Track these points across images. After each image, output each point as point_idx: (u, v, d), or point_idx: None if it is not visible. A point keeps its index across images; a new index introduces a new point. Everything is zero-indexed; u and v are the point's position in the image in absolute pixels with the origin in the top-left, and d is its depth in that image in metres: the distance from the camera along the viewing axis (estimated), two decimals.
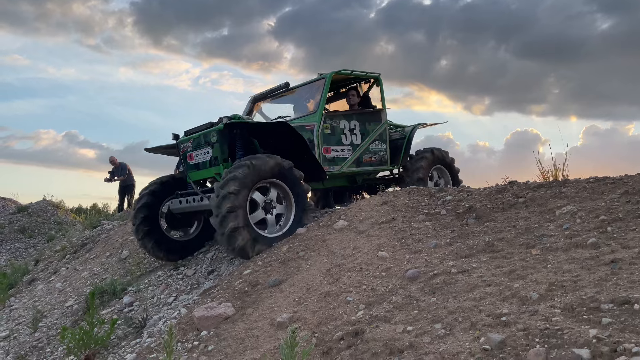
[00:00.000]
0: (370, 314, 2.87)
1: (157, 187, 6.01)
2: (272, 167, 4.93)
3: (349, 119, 6.31)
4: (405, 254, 3.56)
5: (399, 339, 2.52)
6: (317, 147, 5.85)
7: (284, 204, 5.18)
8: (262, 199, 5.04)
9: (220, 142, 5.35)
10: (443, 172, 7.31)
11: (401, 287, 3.10)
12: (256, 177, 4.83)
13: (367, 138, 6.45)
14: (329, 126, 6.03)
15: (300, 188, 5.19)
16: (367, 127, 6.47)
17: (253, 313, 3.56)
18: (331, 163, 6.02)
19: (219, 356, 3.11)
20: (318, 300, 3.35)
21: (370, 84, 6.91)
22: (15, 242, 13.83)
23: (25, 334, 5.77)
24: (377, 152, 6.57)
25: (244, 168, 4.74)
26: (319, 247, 4.27)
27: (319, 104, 6.03)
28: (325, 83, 6.10)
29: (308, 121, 5.97)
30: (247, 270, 4.42)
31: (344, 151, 6.18)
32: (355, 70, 6.53)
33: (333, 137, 6.07)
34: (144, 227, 5.87)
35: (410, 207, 4.43)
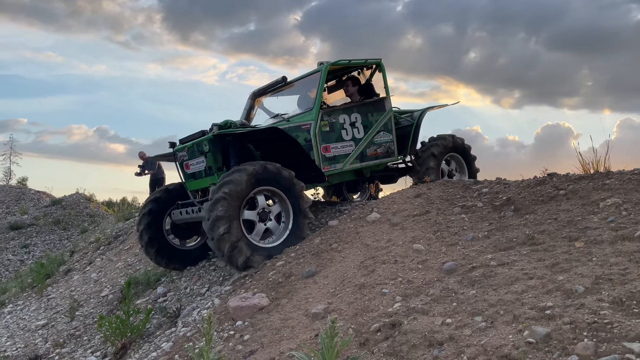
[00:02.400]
0: (407, 306, 2.84)
1: (163, 194, 5.99)
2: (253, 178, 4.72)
3: (349, 112, 5.95)
4: (441, 246, 3.51)
5: (438, 332, 2.48)
6: (316, 146, 5.52)
7: (282, 215, 5.02)
8: (263, 205, 4.90)
9: (213, 151, 5.22)
10: (458, 160, 6.87)
11: (438, 280, 3.06)
12: (263, 180, 4.75)
13: (370, 130, 6.05)
14: (327, 123, 5.69)
15: (296, 193, 4.99)
16: (370, 118, 6.09)
17: (287, 304, 3.57)
18: (332, 162, 5.69)
19: (255, 346, 3.12)
20: (353, 292, 3.33)
21: (372, 70, 6.54)
22: (50, 234, 14.22)
23: (62, 322, 5.93)
24: (382, 143, 6.16)
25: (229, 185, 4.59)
26: (352, 239, 4.25)
27: (315, 101, 5.70)
28: (321, 77, 5.76)
29: (304, 120, 5.64)
30: (280, 262, 4.43)
31: (345, 147, 5.82)
32: (353, 59, 6.23)
33: (332, 134, 5.73)
34: (147, 234, 5.84)
35: (445, 199, 4.37)
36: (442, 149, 6.52)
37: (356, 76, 6.53)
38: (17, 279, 9.59)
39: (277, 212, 5.01)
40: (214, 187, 4.67)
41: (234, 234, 4.52)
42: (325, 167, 5.59)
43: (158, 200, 5.92)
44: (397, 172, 6.88)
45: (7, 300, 7.83)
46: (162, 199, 5.94)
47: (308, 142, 5.49)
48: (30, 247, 13.57)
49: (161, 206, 5.92)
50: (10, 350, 5.66)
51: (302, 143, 5.41)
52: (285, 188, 4.94)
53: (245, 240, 4.65)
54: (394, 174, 6.92)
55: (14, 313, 6.94)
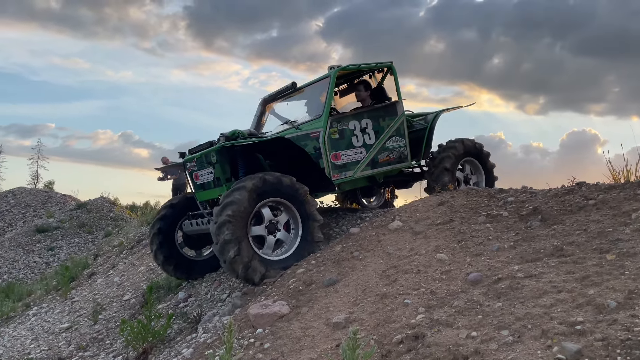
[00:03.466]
0: (431, 318, 2.78)
1: (168, 210, 5.94)
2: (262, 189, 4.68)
3: (360, 118, 5.78)
4: (465, 256, 3.44)
5: (463, 345, 2.42)
6: (325, 154, 5.37)
7: (291, 223, 4.95)
8: (269, 218, 4.83)
9: (221, 162, 5.15)
10: (475, 166, 6.59)
11: (463, 291, 2.99)
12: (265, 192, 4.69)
13: (382, 136, 5.87)
14: (337, 130, 5.53)
15: (300, 199, 4.89)
16: (382, 123, 5.91)
17: (308, 312, 3.53)
18: (342, 169, 5.54)
19: (275, 355, 3.09)
20: (375, 302, 3.28)
21: (383, 73, 6.36)
22: (75, 237, 14.47)
23: (86, 326, 6.00)
24: (394, 148, 5.98)
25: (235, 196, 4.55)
26: (373, 248, 4.20)
27: (324, 108, 5.55)
28: (330, 82, 5.63)
29: (313, 128, 5.49)
30: (301, 270, 4.40)
31: (356, 154, 5.66)
32: (363, 63, 6.07)
33: (342, 141, 5.57)
34: (162, 254, 5.82)
35: (469, 208, 4.29)
36: (459, 153, 6.30)
37: (367, 80, 6.41)
38: (43, 281, 9.77)
39: (285, 221, 4.94)
40: (217, 210, 4.59)
41: (244, 254, 4.49)
42: (336, 175, 5.47)
43: (165, 218, 5.87)
44: (411, 177, 6.72)
45: (32, 302, 7.97)
46: (168, 215, 5.88)
47: (317, 150, 5.38)
48: (55, 250, 13.84)
49: (169, 222, 5.87)
50: (34, 352, 5.75)
51: (311, 151, 5.34)
52: (289, 195, 4.87)
53: (258, 258, 4.61)
54: (409, 179, 6.77)
55: (38, 315, 7.05)
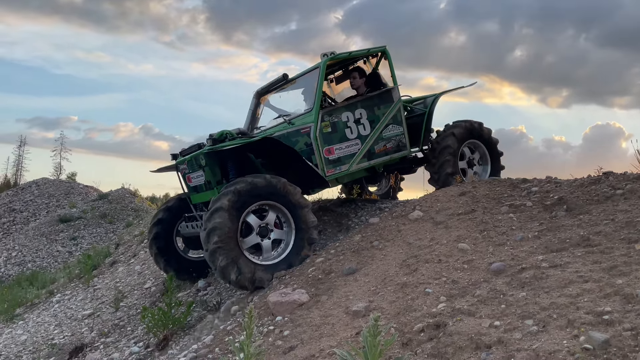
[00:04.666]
0: (453, 307, 2.74)
1: (175, 202, 5.82)
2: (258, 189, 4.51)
3: (353, 108, 5.50)
4: (488, 246, 3.38)
5: (486, 334, 2.38)
6: (317, 150, 5.15)
7: (279, 218, 4.75)
8: (257, 224, 4.61)
9: (211, 165, 4.98)
10: (480, 149, 6.22)
11: (485, 281, 2.94)
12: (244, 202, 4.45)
13: (377, 125, 5.59)
14: (329, 123, 5.28)
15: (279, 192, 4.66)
16: (377, 112, 5.62)
17: (327, 301, 3.52)
18: (337, 164, 5.31)
19: (295, 342, 3.09)
20: (395, 291, 3.25)
21: (377, 58, 6.08)
22: (97, 227, 14.71)
23: (107, 313, 6.09)
24: (391, 137, 5.69)
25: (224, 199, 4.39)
26: (393, 237, 4.17)
27: (314, 101, 5.29)
28: (320, 74, 5.35)
29: (303, 123, 5.27)
30: (320, 258, 4.39)
31: (350, 147, 5.41)
32: (354, 51, 5.80)
33: (335, 135, 5.32)
34: (157, 244, 5.71)
35: (492, 198, 4.22)
36: (460, 136, 5.96)
37: (362, 67, 6.14)
38: (66, 269, 9.95)
39: (274, 219, 4.73)
40: (204, 236, 4.39)
41: (245, 272, 4.35)
42: (330, 170, 5.25)
43: (161, 221, 5.73)
44: (413, 163, 6.42)
45: (55, 290, 8.12)
46: (164, 218, 5.74)
47: (309, 147, 5.17)
48: (78, 240, 14.08)
49: (166, 226, 5.73)
50: (58, 338, 5.86)
51: (303, 148, 5.15)
52: (269, 194, 4.62)
53: (261, 269, 4.46)
54: (411, 165, 6.51)
55: (62, 302, 7.18)
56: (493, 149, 6.23)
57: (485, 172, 6.20)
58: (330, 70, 6.17)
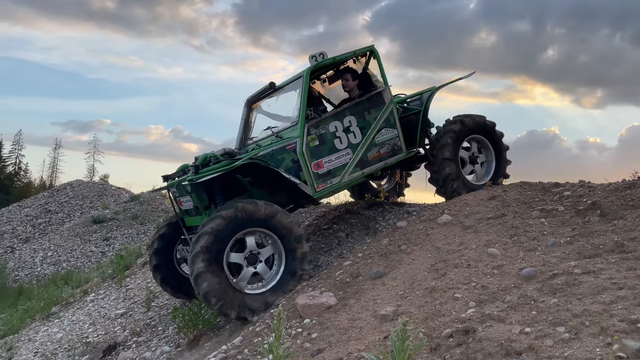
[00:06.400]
0: (482, 312, 2.72)
1: (176, 220, 5.54)
2: None
3: (341, 117, 5.24)
4: (518, 251, 3.34)
5: (516, 340, 2.35)
6: (305, 165, 4.94)
7: (275, 260, 4.57)
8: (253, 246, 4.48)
9: (196, 192, 4.83)
10: (484, 144, 5.90)
11: (515, 286, 2.91)
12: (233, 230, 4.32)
13: (369, 131, 5.33)
14: (316, 136, 5.06)
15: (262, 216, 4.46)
16: (367, 117, 5.36)
17: (355, 304, 3.54)
18: (327, 177, 5.08)
19: (323, 344, 3.12)
20: (423, 295, 3.24)
21: (366, 58, 5.83)
22: (128, 228, 15.05)
23: (139, 312, 6.23)
24: (385, 142, 5.43)
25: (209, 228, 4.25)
26: (421, 242, 4.15)
27: (299, 114, 5.05)
28: (303, 84, 5.11)
29: (289, 138, 5.04)
30: (348, 262, 4.41)
31: (341, 158, 5.17)
32: (338, 55, 5.49)
33: (324, 147, 5.09)
34: (156, 260, 5.56)
35: (522, 202, 4.16)
36: (460, 132, 5.66)
37: (354, 69, 5.87)
38: (99, 269, 10.21)
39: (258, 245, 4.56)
40: (189, 261, 4.30)
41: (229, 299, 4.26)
42: (320, 185, 5.04)
43: (163, 238, 5.58)
44: (414, 162, 6.14)
45: (89, 289, 8.34)
46: (167, 235, 5.57)
47: (296, 163, 4.96)
48: (110, 240, 14.43)
49: (166, 244, 5.57)
50: (92, 336, 6.02)
51: (289, 165, 4.95)
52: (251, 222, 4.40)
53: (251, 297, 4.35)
54: (411, 164, 6.23)
55: (95, 302, 7.38)
56: (498, 144, 5.92)
57: (490, 168, 5.94)
58: (320, 72, 5.95)
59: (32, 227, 16.20)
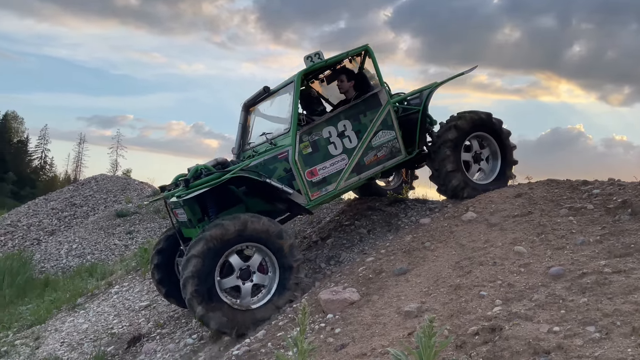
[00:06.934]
0: (509, 311, 2.69)
1: (159, 259, 5.44)
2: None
3: (335, 122, 5.07)
4: (546, 249, 3.29)
5: (544, 339, 2.32)
6: (298, 174, 4.82)
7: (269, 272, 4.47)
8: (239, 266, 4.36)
9: (189, 205, 4.72)
10: (489, 142, 5.66)
11: (543, 285, 2.87)
12: (212, 263, 4.18)
13: (365, 134, 5.16)
14: (308, 144, 4.92)
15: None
16: (363, 120, 5.18)
17: (379, 300, 3.53)
18: (322, 185, 4.95)
19: (347, 340, 3.12)
20: (448, 293, 3.22)
21: (361, 58, 5.64)
22: (151, 222, 15.23)
23: (163, 305, 6.31)
24: (382, 145, 5.26)
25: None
26: (445, 239, 4.12)
27: (290, 121, 4.90)
28: (295, 90, 4.97)
29: (280, 147, 4.91)
30: (370, 258, 4.40)
31: (336, 164, 5.03)
32: (330, 58, 5.30)
33: (317, 154, 4.95)
34: (158, 274, 5.44)
35: (550, 200, 4.09)
36: (463, 130, 5.43)
37: (350, 69, 5.71)
38: (123, 262, 10.37)
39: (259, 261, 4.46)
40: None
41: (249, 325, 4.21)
42: (315, 193, 4.91)
43: (161, 252, 5.43)
44: (416, 161, 5.92)
45: (114, 281, 8.48)
46: (165, 249, 5.43)
47: (288, 172, 4.83)
48: (133, 234, 14.63)
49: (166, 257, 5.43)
50: (117, 328, 6.13)
51: (282, 174, 4.82)
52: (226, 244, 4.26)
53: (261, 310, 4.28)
54: (413, 163, 6.05)
55: (120, 293, 7.50)
56: (504, 142, 5.66)
57: (495, 167, 5.70)
58: (314, 75, 5.79)
59: (58, 220, 16.52)
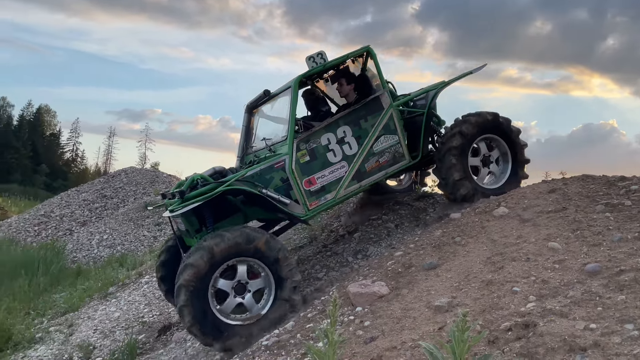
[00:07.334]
0: (543, 307, 2.65)
1: (174, 241, 5.30)
2: None
3: (334, 128, 4.91)
4: (581, 246, 3.22)
5: (581, 336, 2.28)
6: (295, 184, 4.70)
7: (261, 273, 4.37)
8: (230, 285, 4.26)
9: (185, 216, 4.59)
10: (498, 143, 5.36)
11: (579, 282, 2.81)
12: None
13: (366, 140, 4.98)
14: (306, 152, 4.78)
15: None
16: (363, 125, 5.00)
17: (408, 294, 3.52)
18: (321, 194, 4.83)
19: (376, 333, 3.12)
20: (479, 288, 3.19)
21: (363, 59, 5.44)
22: None
23: None
24: (384, 150, 5.07)
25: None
26: (476, 234, 4.07)
27: (288, 129, 4.75)
28: (292, 96, 4.85)
29: (276, 156, 4.78)
30: (399, 252, 4.38)
31: (335, 172, 4.88)
32: (329, 61, 5.10)
33: (315, 162, 4.82)
34: (164, 286, 5.33)
35: (585, 196, 4.00)
36: (470, 133, 5.13)
37: (351, 72, 5.51)
38: (152, 253, 10.59)
39: None
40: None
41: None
42: (313, 202, 4.78)
43: (165, 264, 5.33)
44: (424, 165, 5.72)
45: (144, 271, 8.67)
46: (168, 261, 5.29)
47: (285, 182, 4.72)
48: (162, 225, 14.89)
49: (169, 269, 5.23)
50: (148, 316, 6.27)
51: (279, 184, 4.71)
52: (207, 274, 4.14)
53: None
54: (420, 167, 5.89)
55: (150, 283, 7.66)
56: (514, 143, 5.36)
57: (505, 169, 5.41)
58: (320, 74, 5.63)
59: (89, 211, 16.93)
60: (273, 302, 4.29)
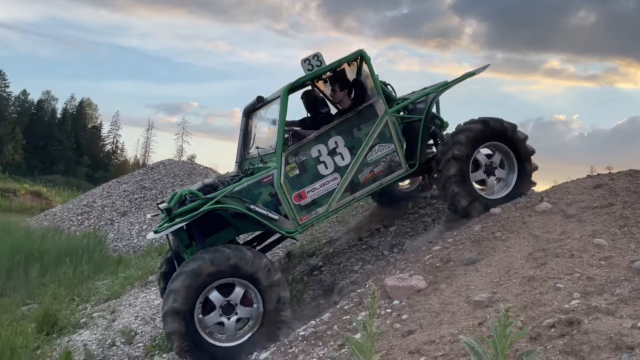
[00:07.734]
0: (588, 304, 2.59)
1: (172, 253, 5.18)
2: None
3: (325, 139, 4.70)
4: (629, 243, 3.13)
5: (628, 335, 2.22)
6: (284, 198, 4.55)
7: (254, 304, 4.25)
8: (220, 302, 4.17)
9: (174, 232, 4.49)
10: (503, 150, 4.99)
11: (626, 279, 2.74)
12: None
13: (359, 150, 4.75)
14: (295, 165, 4.62)
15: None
16: (357, 134, 4.76)
17: (447, 289, 3.49)
18: (312, 207, 4.66)
19: (414, 326, 3.11)
20: (520, 284, 3.13)
21: (357, 64, 5.23)
22: None
23: None
24: (379, 159, 4.82)
25: None
26: (517, 229, 3.99)
27: (276, 141, 4.60)
28: (281, 106, 4.66)
29: (264, 171, 4.63)
30: (437, 247, 4.34)
31: (326, 184, 4.69)
32: (320, 68, 4.85)
33: (305, 176, 4.64)
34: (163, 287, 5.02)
35: (633, 192, 3.87)
36: (473, 139, 4.82)
37: (345, 77, 5.28)
38: None
39: None
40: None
41: None
42: (304, 217, 4.63)
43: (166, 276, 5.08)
44: (426, 170, 5.42)
45: None
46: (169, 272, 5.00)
47: (274, 197, 4.56)
48: None
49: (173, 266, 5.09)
50: None
51: (267, 199, 4.56)
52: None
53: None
54: (423, 173, 5.62)
55: None
56: (520, 149, 4.97)
57: (511, 179, 5.01)
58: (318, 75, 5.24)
59: (129, 202, 17.36)
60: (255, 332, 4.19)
